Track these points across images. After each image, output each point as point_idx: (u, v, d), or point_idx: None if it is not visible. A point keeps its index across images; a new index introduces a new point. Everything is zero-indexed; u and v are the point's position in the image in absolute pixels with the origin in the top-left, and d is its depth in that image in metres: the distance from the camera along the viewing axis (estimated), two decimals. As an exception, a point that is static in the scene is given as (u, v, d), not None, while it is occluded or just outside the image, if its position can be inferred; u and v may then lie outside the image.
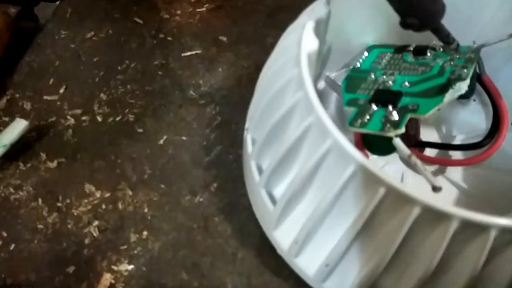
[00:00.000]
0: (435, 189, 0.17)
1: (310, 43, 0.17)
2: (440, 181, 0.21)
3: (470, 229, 0.13)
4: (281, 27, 0.29)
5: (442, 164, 0.21)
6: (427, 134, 0.23)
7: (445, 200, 0.21)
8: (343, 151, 0.14)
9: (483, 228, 0.13)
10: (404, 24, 0.18)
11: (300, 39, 0.17)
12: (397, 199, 0.14)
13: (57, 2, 0.50)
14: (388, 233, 0.14)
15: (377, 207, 0.14)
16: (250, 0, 0.30)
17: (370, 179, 0.14)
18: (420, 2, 0.17)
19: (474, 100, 0.23)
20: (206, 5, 0.29)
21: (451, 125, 0.23)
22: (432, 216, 0.13)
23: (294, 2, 0.30)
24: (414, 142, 0.21)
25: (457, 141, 0.23)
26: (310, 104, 0.15)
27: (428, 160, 0.21)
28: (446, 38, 0.20)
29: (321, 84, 0.25)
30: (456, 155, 0.22)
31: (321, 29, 0.19)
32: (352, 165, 0.14)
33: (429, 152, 0.22)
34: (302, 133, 0.16)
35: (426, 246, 0.14)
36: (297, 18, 0.21)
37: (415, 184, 0.21)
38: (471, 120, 0.23)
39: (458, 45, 0.20)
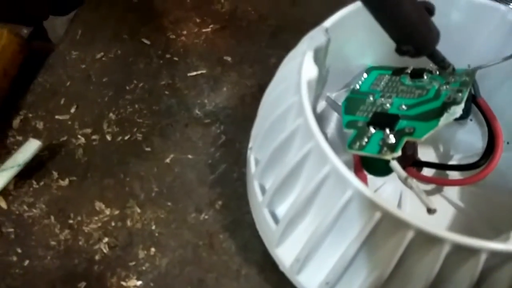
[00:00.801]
0: (430, 211, 0.18)
1: (310, 71, 0.18)
2: (437, 200, 0.22)
3: (461, 252, 0.14)
4: (284, 47, 0.30)
5: (439, 184, 0.22)
6: (425, 153, 0.24)
7: (443, 219, 0.22)
8: (341, 177, 0.15)
9: (473, 251, 0.14)
10: (400, 51, 0.19)
11: (300, 67, 0.18)
12: (392, 223, 0.15)
13: (65, 16, 0.51)
14: (384, 255, 0.15)
15: (373, 230, 0.15)
16: (253, 20, 0.31)
17: (366, 203, 0.15)
18: (414, 30, 0.18)
19: (471, 119, 0.24)
20: (211, 26, 0.31)
21: (449, 145, 0.24)
22: (426, 239, 0.14)
23: (296, 22, 0.31)
24: (412, 162, 0.22)
25: (454, 160, 0.24)
26: (310, 131, 0.16)
27: (425, 180, 0.22)
28: (441, 63, 0.21)
29: (322, 104, 0.25)
30: (453, 174, 0.23)
31: (320, 55, 0.20)
32: (350, 190, 0.15)
33: (427, 171, 0.23)
34: (302, 157, 0.17)
35: (420, 267, 0.15)
36: (297, 44, 0.22)
37: (413, 203, 0.21)
38: (468, 139, 0.24)
39: (453, 69, 0.21)
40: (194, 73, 0.28)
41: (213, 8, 0.32)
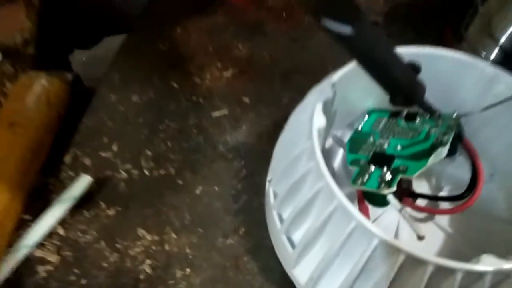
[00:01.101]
0: (420, 237, 0.21)
1: (319, 121, 0.22)
2: (429, 226, 0.26)
3: (442, 271, 0.17)
4: (295, 89, 0.34)
5: (431, 212, 0.26)
6: (420, 185, 0.27)
7: (434, 243, 0.25)
8: (346, 211, 0.19)
9: (451, 271, 0.17)
10: (393, 102, 0.23)
11: (311, 118, 0.22)
12: (387, 248, 0.18)
13: (90, 49, 0.56)
14: (381, 275, 0.19)
15: (372, 254, 0.19)
16: (267, 65, 0.36)
17: (366, 233, 0.19)
18: (403, 87, 0.22)
19: (459, 155, 0.28)
20: (231, 71, 0.35)
21: (440, 177, 0.28)
22: (414, 262, 0.18)
23: (305, 66, 0.35)
24: (408, 193, 0.26)
25: (445, 191, 0.27)
26: (320, 172, 0.20)
27: (419, 209, 0.25)
28: (429, 109, 0.24)
29: (330, 141, 0.29)
30: (444, 204, 0.26)
31: (328, 106, 0.24)
32: (353, 221, 0.19)
33: (421, 201, 0.26)
34: (314, 194, 0.21)
35: (410, 285, 0.18)
36: (307, 93, 0.26)
37: (409, 230, 0.25)
38: (457, 173, 0.27)
39: (439, 115, 0.25)
40: (218, 113, 0.32)
41: (232, 54, 0.36)
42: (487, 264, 0.18)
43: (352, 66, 0.25)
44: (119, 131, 0.31)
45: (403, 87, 0.22)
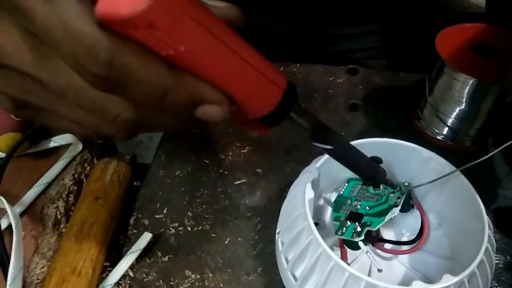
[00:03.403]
0: (379, 270, 0.32)
1: (309, 194, 0.33)
2: (393, 263, 0.36)
3: (389, 293, 0.27)
4: (295, 161, 0.45)
5: (394, 253, 0.36)
6: (388, 232, 0.38)
7: (397, 275, 0.35)
8: (328, 255, 0.29)
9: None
10: (364, 183, 0.34)
11: (304, 192, 0.33)
12: (354, 278, 0.28)
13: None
14: (352, 296, 0.29)
15: (345, 283, 0.29)
16: (274, 142, 0.47)
17: (340, 269, 0.29)
18: (369, 175, 0.33)
19: (416, 209, 0.38)
20: (247, 148, 0.46)
21: (402, 226, 0.38)
22: (371, 286, 0.28)
23: (303, 142, 0.47)
24: (377, 239, 0.36)
25: (405, 236, 0.38)
26: (310, 229, 0.31)
27: (386, 251, 0.36)
28: (392, 185, 0.35)
29: (321, 201, 0.40)
30: (404, 246, 0.36)
31: (316, 181, 0.35)
32: (332, 261, 0.29)
33: (387, 245, 0.36)
34: (308, 243, 0.31)
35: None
36: (302, 172, 0.37)
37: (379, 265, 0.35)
38: (414, 223, 0.37)
39: (400, 187, 0.36)
40: (238, 182, 0.43)
41: (247, 135, 0.48)
42: (417, 287, 0.28)
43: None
44: (168, 198, 0.42)
45: (369, 175, 0.33)
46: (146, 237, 0.37)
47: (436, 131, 0.46)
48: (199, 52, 0.21)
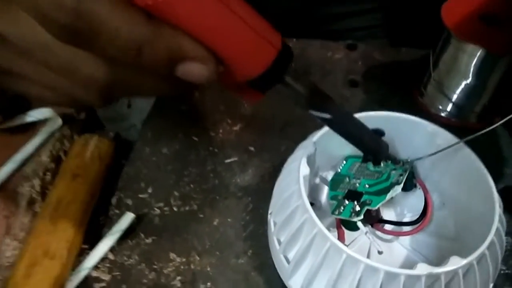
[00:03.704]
0: (379, 252, 0.29)
1: (304, 171, 0.30)
2: (394, 245, 0.33)
3: (391, 276, 0.25)
4: (290, 138, 0.43)
5: (395, 235, 0.33)
6: (388, 213, 0.35)
7: (398, 258, 0.32)
8: (324, 235, 0.27)
9: (397, 275, 0.25)
10: (366, 159, 0.31)
11: (299, 168, 0.30)
12: (352, 260, 0.26)
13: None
14: (350, 280, 0.26)
15: (342, 266, 0.26)
16: (268, 119, 0.44)
17: (338, 250, 0.26)
18: (371, 148, 0.30)
19: (419, 188, 0.36)
20: (239, 125, 0.44)
21: (404, 206, 0.35)
22: (371, 269, 0.25)
23: (298, 118, 0.44)
24: (377, 220, 0.34)
25: (407, 217, 0.35)
26: (305, 207, 0.28)
27: (386, 232, 0.33)
28: (394, 160, 0.33)
29: (317, 180, 0.37)
30: (405, 227, 0.34)
31: (311, 158, 0.32)
32: (328, 242, 0.27)
33: (387, 226, 0.34)
34: (302, 223, 0.29)
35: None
36: (297, 147, 0.34)
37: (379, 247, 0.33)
38: (416, 202, 0.35)
39: (403, 163, 0.33)
40: (229, 160, 0.41)
41: (239, 111, 0.45)
42: (422, 269, 0.25)
43: (329, 125, 0.33)
44: (153, 177, 0.39)
45: (371, 149, 0.30)
46: (128, 217, 0.35)
47: (440, 107, 0.43)
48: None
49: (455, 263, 0.25)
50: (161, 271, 0.33)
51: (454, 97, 0.41)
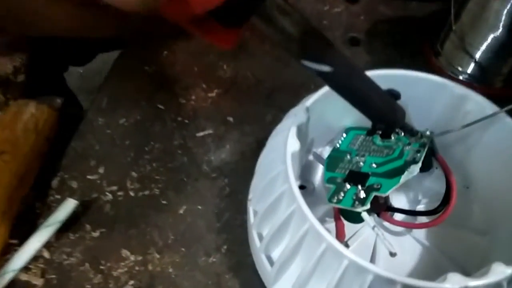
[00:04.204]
0: (391, 254, 0.22)
1: (293, 145, 0.23)
2: (406, 240, 0.26)
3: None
4: (278, 106, 0.35)
5: (408, 227, 0.26)
6: (398, 199, 0.28)
7: (411, 257, 0.26)
8: (318, 233, 0.20)
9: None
10: (375, 128, 0.24)
11: (286, 142, 0.23)
12: (356, 268, 0.19)
13: (83, 66, 0.57)
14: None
15: (343, 274, 0.19)
16: (252, 84, 0.37)
17: (337, 253, 0.19)
18: (383, 115, 0.23)
19: (436, 168, 0.28)
20: (216, 90, 0.36)
21: (418, 191, 0.28)
22: (383, 281, 0.18)
23: (288, 83, 0.36)
24: (385, 208, 0.26)
25: (422, 203, 0.28)
26: (293, 195, 0.21)
27: (396, 224, 0.26)
28: (410, 132, 0.25)
29: (310, 157, 0.30)
30: (420, 217, 0.27)
31: (303, 128, 0.25)
32: (324, 243, 0.19)
33: (398, 215, 0.27)
34: (289, 215, 0.21)
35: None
36: (284, 118, 0.27)
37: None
38: (434, 186, 0.28)
39: (421, 135, 0.26)
40: (202, 133, 0.33)
41: (217, 74, 0.37)
42: (455, 282, 0.18)
43: (328, 89, 0.26)
44: (106, 154, 0.32)
45: (384, 114, 0.23)
46: (70, 204, 0.27)
47: (460, 69, 0.35)
48: None
49: (497, 272, 0.18)
50: (110, 273, 0.26)
51: (478, 55, 0.34)
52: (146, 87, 0.36)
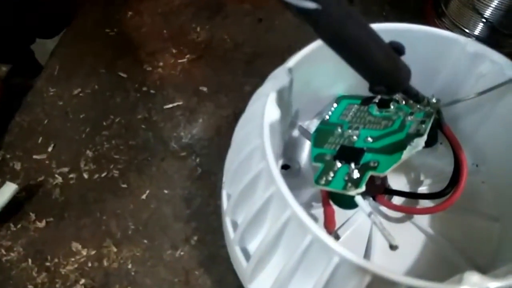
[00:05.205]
0: (392, 247, 0.18)
1: (272, 114, 0.18)
2: (407, 227, 0.23)
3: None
4: (259, 74, 0.30)
5: (409, 212, 0.22)
6: (397, 180, 0.24)
7: (412, 248, 0.22)
8: (301, 222, 0.16)
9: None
10: (373, 91, 0.19)
11: (263, 110, 0.18)
12: (350, 267, 0.15)
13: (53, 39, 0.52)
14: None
15: (333, 272, 0.15)
16: (229, 49, 0.32)
17: (325, 248, 0.15)
18: (384, 73, 0.18)
19: (441, 143, 0.24)
20: (188, 56, 0.31)
21: (420, 170, 0.25)
22: (383, 282, 0.15)
23: (271, 48, 0.32)
24: (382, 191, 0.23)
25: (425, 185, 0.24)
26: (271, 176, 0.17)
27: (395, 208, 0.22)
28: (415, 97, 0.21)
29: (295, 133, 0.26)
30: (423, 201, 0.23)
31: (285, 94, 0.20)
32: (309, 235, 0.15)
33: (397, 199, 0.23)
34: (267, 199, 0.17)
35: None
36: (266, 79, 0.22)
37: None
38: (438, 164, 0.24)
39: (428, 101, 0.21)
40: (170, 105, 0.28)
41: (189, 38, 0.32)
42: (472, 285, 0.14)
43: (315, 46, 0.21)
44: (57, 129, 0.27)
45: (385, 73, 0.18)
46: (9, 189, 0.23)
47: (466, 30, 0.31)
48: None
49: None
50: (57, 270, 0.22)
51: (488, 12, 0.30)
52: (105, 52, 0.31)
